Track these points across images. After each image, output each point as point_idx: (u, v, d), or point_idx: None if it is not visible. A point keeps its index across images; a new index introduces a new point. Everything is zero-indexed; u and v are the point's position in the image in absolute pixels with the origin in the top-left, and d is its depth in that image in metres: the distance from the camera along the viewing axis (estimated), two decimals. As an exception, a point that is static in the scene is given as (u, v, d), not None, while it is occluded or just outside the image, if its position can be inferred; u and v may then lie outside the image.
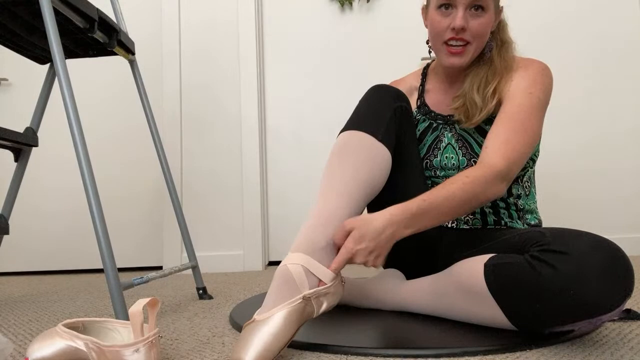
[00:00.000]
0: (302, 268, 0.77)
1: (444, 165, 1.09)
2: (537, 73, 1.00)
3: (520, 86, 0.99)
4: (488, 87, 1.02)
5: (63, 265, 2.40)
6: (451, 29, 1.00)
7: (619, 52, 2.21)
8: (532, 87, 0.98)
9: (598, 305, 0.68)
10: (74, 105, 1.04)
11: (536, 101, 0.96)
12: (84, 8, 1.25)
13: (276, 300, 0.75)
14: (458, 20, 0.98)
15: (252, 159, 2.21)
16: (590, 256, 0.69)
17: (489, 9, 1.00)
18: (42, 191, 2.43)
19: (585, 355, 0.70)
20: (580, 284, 0.68)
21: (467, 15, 0.99)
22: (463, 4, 0.99)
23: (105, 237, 0.99)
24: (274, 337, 0.72)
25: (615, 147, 2.19)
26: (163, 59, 2.28)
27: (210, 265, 2.18)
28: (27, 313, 1.31)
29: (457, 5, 0.99)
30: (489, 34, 1.04)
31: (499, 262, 0.78)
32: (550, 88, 1.01)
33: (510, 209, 1.07)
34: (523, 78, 1.00)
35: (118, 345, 0.69)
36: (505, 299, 0.76)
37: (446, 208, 0.85)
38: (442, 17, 1.01)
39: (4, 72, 2.46)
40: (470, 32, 1.00)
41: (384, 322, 0.95)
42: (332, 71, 2.33)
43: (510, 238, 0.89)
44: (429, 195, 0.84)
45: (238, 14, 2.29)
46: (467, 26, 0.99)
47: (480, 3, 0.99)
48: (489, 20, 1.01)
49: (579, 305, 0.69)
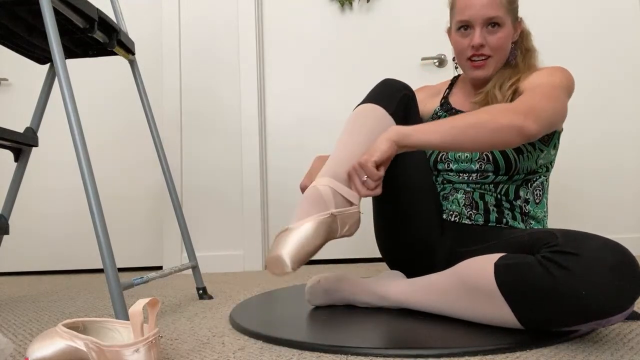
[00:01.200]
0: (330, 189, 0.87)
1: (458, 157, 1.14)
2: (555, 68, 1.07)
3: (540, 75, 1.06)
4: (508, 83, 1.09)
5: (63, 265, 2.40)
6: (471, 47, 1.11)
7: (624, 52, 2.21)
8: (552, 75, 1.04)
9: (609, 307, 0.69)
10: (74, 105, 1.04)
11: (558, 81, 1.01)
12: (84, 8, 1.25)
13: (309, 212, 0.83)
14: (476, 39, 1.09)
15: (252, 158, 2.21)
16: (602, 258, 0.70)
17: (505, 24, 1.10)
18: (42, 191, 2.43)
19: (586, 355, 0.70)
20: (592, 285, 0.69)
21: (484, 32, 1.10)
22: (479, 23, 1.09)
23: (105, 237, 0.99)
24: (307, 240, 0.80)
25: (620, 146, 2.19)
26: (163, 59, 2.28)
27: (210, 265, 2.18)
28: (27, 313, 1.31)
29: (474, 26, 1.10)
30: (510, 45, 1.13)
31: (509, 262, 0.78)
32: (572, 81, 1.05)
33: (515, 211, 1.08)
34: (542, 71, 1.08)
35: (118, 345, 0.69)
36: (516, 299, 0.76)
37: (461, 122, 0.88)
38: (462, 37, 1.13)
39: (4, 72, 2.46)
40: (490, 47, 1.10)
41: (384, 322, 0.95)
42: (332, 71, 2.33)
43: (519, 237, 0.89)
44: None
45: (238, 14, 2.29)
46: (486, 42, 1.10)
47: (494, 20, 1.09)
48: (506, 33, 1.10)
49: (590, 306, 0.69)
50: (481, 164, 1.10)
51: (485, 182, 1.10)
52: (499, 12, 1.09)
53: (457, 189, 1.13)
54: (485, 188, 1.10)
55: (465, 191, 1.12)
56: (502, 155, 1.08)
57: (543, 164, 1.11)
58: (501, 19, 1.09)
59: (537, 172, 1.11)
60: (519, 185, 1.10)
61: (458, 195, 1.12)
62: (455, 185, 1.14)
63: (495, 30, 1.10)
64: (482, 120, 0.88)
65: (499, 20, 1.09)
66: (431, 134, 0.88)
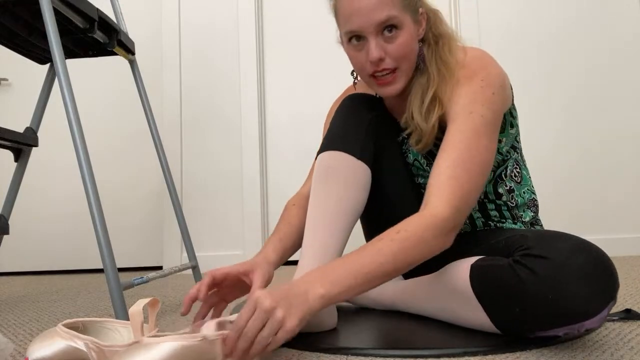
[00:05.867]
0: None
1: (422, 173, 1.05)
2: (476, 85, 0.88)
3: (460, 104, 0.87)
4: (424, 103, 0.91)
5: (63, 265, 2.40)
6: (370, 63, 0.90)
7: (622, 53, 2.21)
8: (472, 105, 0.86)
9: (577, 311, 0.67)
10: (74, 106, 1.04)
11: (479, 120, 0.85)
12: (84, 8, 1.25)
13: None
14: (372, 53, 0.88)
15: (252, 158, 2.21)
16: (570, 261, 0.68)
17: (405, 24, 0.89)
18: (42, 191, 2.43)
19: (586, 355, 0.70)
20: (559, 290, 0.67)
21: (380, 42, 0.88)
22: (371, 32, 0.88)
23: (105, 237, 0.99)
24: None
25: (620, 146, 2.19)
26: (163, 59, 2.28)
27: (210, 265, 2.18)
28: (27, 313, 1.31)
29: (367, 36, 0.89)
30: (417, 45, 0.93)
31: (484, 264, 0.78)
32: (498, 97, 0.88)
33: (501, 209, 1.01)
34: (463, 95, 0.88)
35: (118, 345, 0.69)
36: (488, 301, 0.76)
37: (372, 265, 0.73)
38: (357, 51, 0.92)
39: (4, 72, 2.46)
40: (392, 58, 0.89)
41: (384, 322, 0.95)
42: (332, 71, 2.33)
43: (495, 243, 0.87)
44: (352, 253, 0.75)
45: (238, 14, 2.29)
46: (385, 53, 0.89)
47: (390, 22, 0.87)
48: (408, 36, 0.89)
49: (558, 310, 0.67)
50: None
51: None
52: (393, 10, 0.87)
53: None
54: None
55: None
56: None
57: (507, 149, 0.99)
58: (397, 19, 0.87)
59: (505, 160, 0.99)
60: (495, 183, 1.00)
61: None
62: None
63: (394, 35, 0.88)
64: (394, 252, 0.74)
65: (395, 21, 0.87)
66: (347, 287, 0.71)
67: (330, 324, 0.88)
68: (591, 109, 2.21)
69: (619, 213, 2.16)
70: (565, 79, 2.21)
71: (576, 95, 2.22)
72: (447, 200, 0.78)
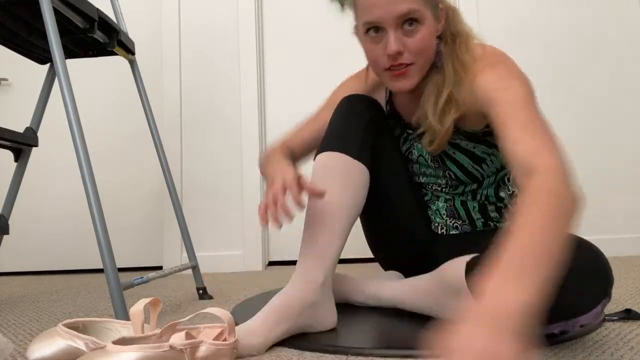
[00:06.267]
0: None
1: (424, 171, 1.05)
2: (501, 69, 0.85)
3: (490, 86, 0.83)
4: (438, 104, 0.89)
5: (63, 265, 2.40)
6: (387, 56, 0.88)
7: (623, 54, 2.21)
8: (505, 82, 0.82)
9: (570, 307, 0.68)
10: (74, 106, 1.04)
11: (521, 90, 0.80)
12: (84, 8, 1.25)
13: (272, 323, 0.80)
14: (391, 46, 0.85)
15: (252, 158, 2.21)
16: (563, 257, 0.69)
17: (425, 19, 0.87)
18: (42, 191, 2.43)
19: (586, 355, 0.70)
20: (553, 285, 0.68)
21: (399, 35, 0.86)
22: (392, 24, 0.85)
23: (105, 237, 0.99)
24: None
25: (620, 145, 2.19)
26: (163, 59, 2.28)
27: (210, 265, 2.18)
28: (27, 313, 1.31)
29: (385, 28, 0.86)
30: (435, 42, 0.91)
31: (479, 261, 0.79)
32: (526, 80, 0.84)
33: (501, 210, 1.02)
34: (490, 80, 0.84)
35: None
36: None
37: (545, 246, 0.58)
38: (374, 43, 0.89)
39: (4, 72, 2.46)
40: (410, 52, 0.87)
41: (384, 322, 0.95)
42: (332, 71, 2.32)
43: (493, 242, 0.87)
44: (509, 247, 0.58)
45: (238, 14, 2.29)
46: (404, 47, 0.87)
47: (411, 16, 0.85)
48: (428, 31, 0.87)
49: (552, 306, 0.68)
50: (447, 180, 1.02)
51: (458, 192, 1.03)
52: (414, 4, 0.85)
53: (437, 196, 1.06)
54: (464, 196, 1.03)
55: (445, 199, 1.05)
56: (463, 172, 0.98)
57: None
58: (419, 13, 0.85)
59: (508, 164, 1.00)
60: (497, 186, 1.01)
61: (439, 204, 1.05)
62: (434, 193, 1.07)
63: (414, 30, 0.86)
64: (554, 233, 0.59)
65: (417, 15, 0.85)
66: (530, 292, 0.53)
67: (330, 323, 0.89)
68: (591, 109, 2.21)
69: (619, 213, 2.16)
70: (566, 80, 2.21)
71: (577, 96, 2.22)
72: (548, 151, 0.68)
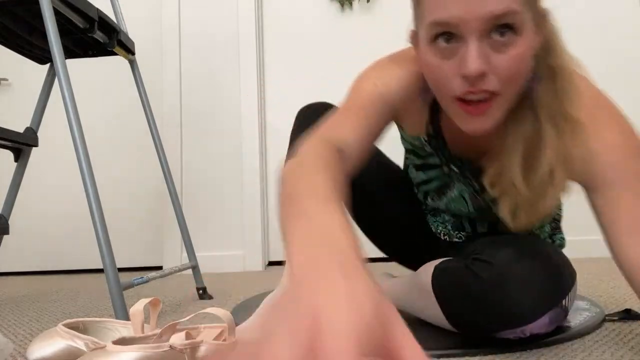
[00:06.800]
0: None
1: (451, 208, 0.91)
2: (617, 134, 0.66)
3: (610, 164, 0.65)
4: (537, 173, 0.64)
5: (63, 265, 2.40)
6: (462, 78, 0.58)
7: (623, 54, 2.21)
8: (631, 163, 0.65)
9: (518, 316, 0.68)
10: (74, 106, 1.04)
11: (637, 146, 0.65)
12: (84, 8, 1.25)
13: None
14: (471, 64, 0.56)
15: (252, 159, 2.21)
16: (511, 267, 0.69)
17: (525, 28, 0.57)
18: (42, 191, 2.43)
19: (586, 356, 0.70)
20: (499, 294, 0.68)
21: (485, 48, 0.57)
22: (475, 30, 0.56)
23: (105, 236, 0.99)
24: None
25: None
26: (163, 59, 2.28)
27: (210, 265, 2.17)
28: (27, 313, 1.31)
29: (465, 35, 0.57)
30: (529, 67, 0.61)
31: (445, 265, 0.79)
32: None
33: None
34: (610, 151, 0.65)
35: (118, 345, 0.69)
36: (445, 301, 0.77)
37: None
38: (443, 57, 0.59)
39: (4, 72, 2.46)
40: (497, 75, 0.58)
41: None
42: (332, 71, 2.33)
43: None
44: None
45: (238, 14, 2.29)
46: (489, 67, 0.57)
47: (507, 21, 0.56)
48: (525, 47, 0.58)
49: (500, 314, 0.69)
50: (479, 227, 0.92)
51: None
52: (514, 3, 0.55)
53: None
54: None
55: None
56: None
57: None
58: (518, 18, 0.56)
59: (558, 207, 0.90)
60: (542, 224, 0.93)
61: (445, 217, 0.97)
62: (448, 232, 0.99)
63: (506, 43, 0.57)
64: None
65: (515, 19, 0.56)
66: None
67: None
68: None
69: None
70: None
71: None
72: None
